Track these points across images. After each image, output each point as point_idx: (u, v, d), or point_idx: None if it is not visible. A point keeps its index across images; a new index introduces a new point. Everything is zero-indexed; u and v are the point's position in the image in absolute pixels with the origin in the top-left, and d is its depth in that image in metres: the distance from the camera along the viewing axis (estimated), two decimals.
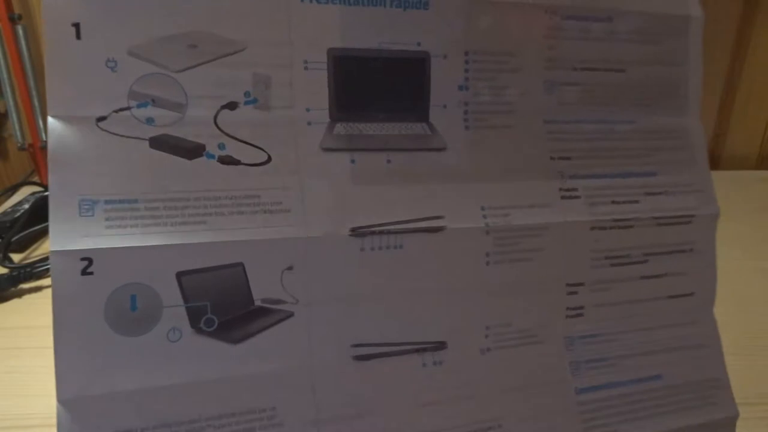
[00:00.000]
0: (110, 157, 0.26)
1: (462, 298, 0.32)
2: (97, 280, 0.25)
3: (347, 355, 0.29)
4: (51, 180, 0.25)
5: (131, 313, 0.26)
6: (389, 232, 0.30)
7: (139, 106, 0.27)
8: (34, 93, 0.83)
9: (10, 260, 0.63)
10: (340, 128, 0.30)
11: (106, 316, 0.25)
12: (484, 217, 0.32)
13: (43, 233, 0.70)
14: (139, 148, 0.26)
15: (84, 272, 0.25)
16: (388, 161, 0.31)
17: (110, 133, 0.26)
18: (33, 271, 0.59)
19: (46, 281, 0.60)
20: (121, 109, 0.27)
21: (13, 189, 0.82)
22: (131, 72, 0.27)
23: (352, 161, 0.30)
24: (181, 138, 0.27)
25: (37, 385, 0.44)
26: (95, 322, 0.25)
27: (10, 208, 0.73)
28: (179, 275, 0.26)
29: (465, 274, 0.32)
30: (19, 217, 0.68)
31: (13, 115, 0.83)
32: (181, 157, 0.27)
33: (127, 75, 0.26)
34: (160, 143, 0.27)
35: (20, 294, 0.58)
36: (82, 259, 0.25)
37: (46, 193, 0.76)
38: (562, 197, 0.33)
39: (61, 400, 0.26)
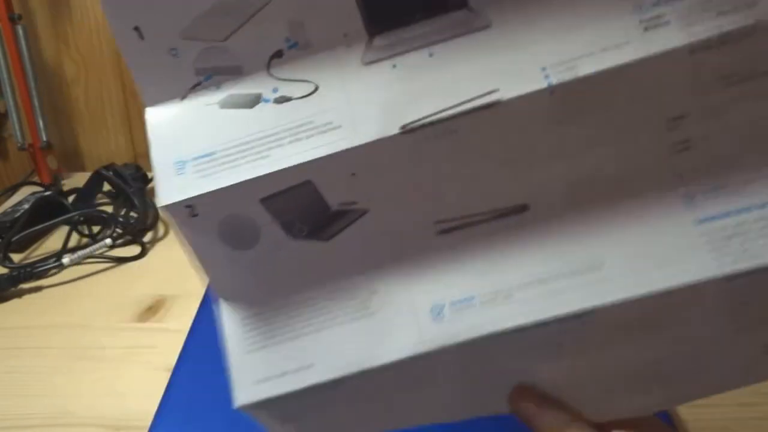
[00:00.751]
0: (192, 124, 0.33)
1: (535, 163, 0.32)
2: (204, 219, 0.31)
3: (431, 231, 0.32)
4: (153, 154, 0.32)
5: (239, 233, 0.32)
6: (439, 121, 0.31)
7: (206, 79, 0.32)
8: (34, 93, 0.83)
9: (10, 260, 0.63)
10: (377, 41, 0.32)
11: (222, 240, 0.32)
12: (546, 77, 0.30)
13: (43, 233, 0.70)
14: (213, 111, 0.32)
15: (192, 215, 0.31)
16: (431, 55, 0.32)
17: (190, 106, 0.32)
18: (33, 271, 0.59)
19: (46, 281, 0.60)
20: (194, 86, 0.32)
21: (13, 189, 0.82)
22: (190, 53, 0.32)
23: (394, 66, 0.32)
24: (243, 94, 0.33)
25: (37, 385, 0.45)
26: (217, 246, 0.32)
27: (10, 208, 0.73)
28: (262, 201, 0.32)
29: (534, 141, 0.31)
30: (19, 217, 0.69)
31: (13, 115, 0.83)
32: (244, 108, 0.33)
33: (188, 56, 0.32)
34: (226, 103, 0.33)
35: (20, 294, 0.58)
36: (186, 206, 0.31)
37: (47, 193, 0.76)
38: (645, 29, 0.31)
39: (218, 299, 0.33)
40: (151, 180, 0.79)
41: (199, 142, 0.32)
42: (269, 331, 0.34)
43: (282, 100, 0.32)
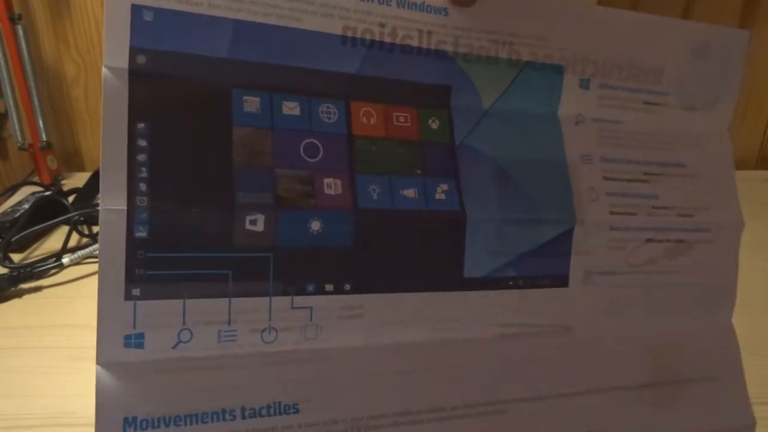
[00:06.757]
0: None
1: None
2: None
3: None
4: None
5: None
6: None
7: None
8: (34, 93, 0.83)
9: (10, 260, 0.63)
10: None
11: None
12: None
13: (43, 233, 0.70)
14: None
15: None
16: None
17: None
18: (33, 271, 0.59)
19: (46, 281, 0.60)
20: None
21: (13, 189, 0.82)
22: None
23: None
24: None
25: (37, 385, 0.44)
26: None
27: (10, 208, 0.73)
28: None
29: None
30: (19, 217, 0.69)
31: (13, 115, 0.83)
32: None
33: None
34: None
35: (20, 294, 0.58)
36: None
37: (47, 193, 0.76)
38: None
39: None
40: None
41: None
42: None
43: None
